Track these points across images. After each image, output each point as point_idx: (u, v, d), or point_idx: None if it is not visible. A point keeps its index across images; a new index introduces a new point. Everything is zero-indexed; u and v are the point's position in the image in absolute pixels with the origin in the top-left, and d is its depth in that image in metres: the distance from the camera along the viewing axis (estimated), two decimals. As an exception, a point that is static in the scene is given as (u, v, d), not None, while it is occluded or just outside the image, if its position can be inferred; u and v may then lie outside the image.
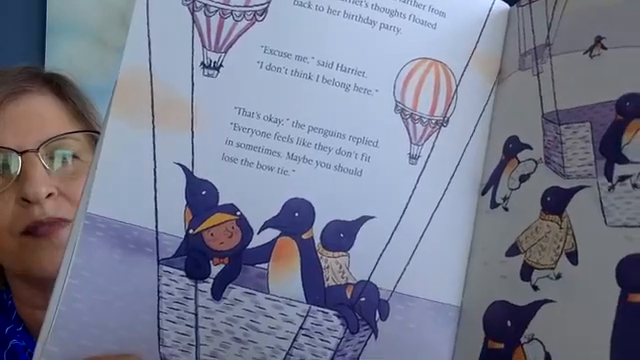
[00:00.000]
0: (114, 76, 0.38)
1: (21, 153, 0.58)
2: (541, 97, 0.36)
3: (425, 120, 0.36)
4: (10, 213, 0.58)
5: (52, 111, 0.63)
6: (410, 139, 0.36)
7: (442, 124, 0.36)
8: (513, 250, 0.34)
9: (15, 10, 1.62)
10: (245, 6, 0.36)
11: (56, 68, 0.70)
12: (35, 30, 1.62)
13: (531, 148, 0.36)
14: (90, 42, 1.64)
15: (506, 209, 0.36)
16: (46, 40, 1.62)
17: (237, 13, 0.36)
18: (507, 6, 0.40)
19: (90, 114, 0.65)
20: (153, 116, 0.35)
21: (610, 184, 0.32)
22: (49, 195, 0.58)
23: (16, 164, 0.58)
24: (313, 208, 0.35)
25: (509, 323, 0.33)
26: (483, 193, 0.37)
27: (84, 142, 0.63)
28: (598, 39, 0.34)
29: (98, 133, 0.62)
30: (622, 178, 0.31)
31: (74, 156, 0.62)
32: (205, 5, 0.35)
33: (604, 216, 0.31)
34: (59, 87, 0.65)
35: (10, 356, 0.61)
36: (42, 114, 0.62)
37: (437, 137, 0.36)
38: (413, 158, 0.36)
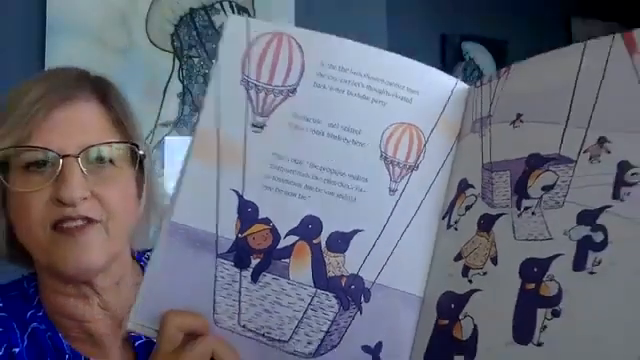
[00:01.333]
0: (114, 76, 0.53)
1: (63, 156, 0.60)
2: (482, 152, 0.51)
3: (401, 165, 0.52)
4: (44, 208, 0.60)
5: (95, 118, 0.65)
6: (390, 177, 0.52)
7: (414, 168, 0.52)
8: (458, 257, 0.49)
9: (15, 10, 1.61)
10: (282, 86, 0.53)
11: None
12: (35, 30, 1.60)
13: (474, 187, 0.51)
14: (90, 42, 1.62)
15: (456, 229, 0.51)
16: (46, 40, 1.59)
17: (277, 91, 0.53)
18: (466, 86, 0.56)
19: (129, 122, 0.67)
20: (218, 158, 0.52)
21: (519, 212, 0.47)
22: (83, 199, 0.60)
23: (57, 166, 0.60)
24: (321, 222, 0.51)
25: (452, 306, 0.48)
26: (443, 218, 0.52)
27: (122, 150, 0.65)
28: (518, 115, 0.50)
29: (135, 145, 0.66)
30: (526, 208, 0.47)
31: (110, 161, 0.63)
32: (255, 85, 0.52)
33: (514, 233, 0.47)
34: (104, 95, 0.66)
35: (31, 339, 0.64)
36: (85, 121, 0.64)
37: (410, 177, 0.52)
38: (392, 191, 0.52)
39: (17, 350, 0.62)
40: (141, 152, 0.66)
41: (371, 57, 0.53)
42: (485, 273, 0.47)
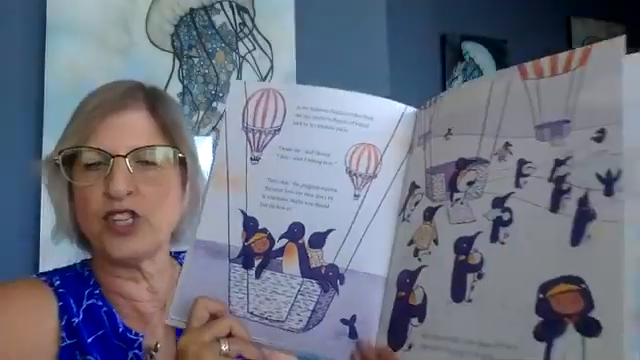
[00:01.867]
0: (114, 76, 0.62)
1: (113, 156, 0.70)
2: (425, 160, 0.65)
3: (363, 175, 0.66)
4: (98, 201, 0.70)
5: (144, 124, 0.73)
6: (354, 186, 0.66)
7: (373, 177, 0.66)
8: (410, 242, 0.63)
9: (15, 10, 1.60)
10: (271, 127, 0.68)
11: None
12: (35, 30, 1.59)
13: (420, 187, 0.65)
14: (90, 42, 1.61)
15: (408, 221, 0.65)
16: (46, 40, 1.59)
17: (267, 131, 0.68)
18: (414, 109, 0.70)
19: (174, 128, 0.75)
20: (228, 185, 0.67)
21: (451, 203, 0.61)
22: (129, 193, 0.69)
23: (108, 164, 0.69)
24: (304, 226, 0.65)
25: (407, 280, 0.62)
26: (399, 214, 0.66)
27: (165, 153, 0.74)
28: (449, 130, 0.64)
29: (176, 148, 0.74)
30: (457, 199, 0.60)
31: (155, 162, 0.72)
32: (252, 129, 0.68)
33: (449, 219, 0.60)
34: (153, 104, 0.75)
35: (86, 313, 0.73)
36: (135, 126, 0.73)
37: (370, 185, 0.66)
38: (356, 196, 0.66)
39: (76, 321, 0.72)
40: (180, 155, 0.75)
41: (334, 96, 0.68)
42: (430, 252, 0.61)
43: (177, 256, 0.84)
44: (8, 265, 1.46)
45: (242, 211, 0.67)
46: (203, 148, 1.69)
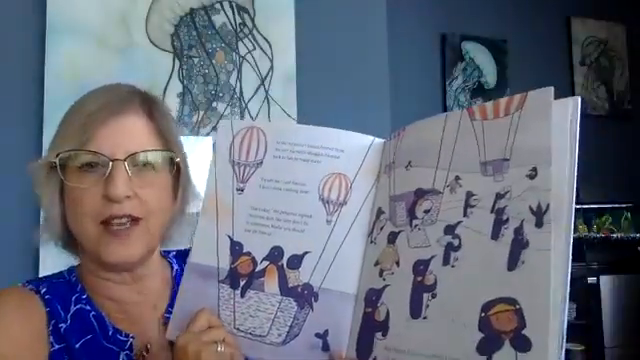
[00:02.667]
0: (114, 76, 0.68)
1: (112, 160, 0.71)
2: (389, 188, 0.73)
3: (334, 202, 0.74)
4: (95, 204, 0.71)
5: (141, 129, 0.75)
6: (326, 212, 0.73)
7: (343, 204, 0.74)
8: (376, 263, 0.71)
9: (15, 10, 1.61)
10: (254, 161, 0.76)
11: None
12: (35, 30, 1.61)
13: (385, 213, 0.72)
14: (90, 42, 1.62)
15: (375, 243, 0.72)
16: (46, 40, 1.60)
17: (251, 164, 0.76)
18: (382, 140, 0.77)
19: (169, 133, 0.78)
20: (217, 213, 0.75)
21: (411, 228, 0.68)
22: (127, 197, 0.71)
23: (107, 168, 0.71)
24: (283, 250, 0.73)
25: (374, 298, 0.69)
26: (368, 236, 0.74)
27: (161, 157, 0.76)
28: (409, 162, 0.71)
29: (173, 152, 0.77)
30: (415, 225, 0.68)
31: (151, 166, 0.74)
32: (238, 163, 0.75)
33: (408, 243, 0.68)
34: (150, 109, 0.77)
35: (74, 318, 0.73)
36: (133, 131, 0.74)
37: (341, 210, 0.74)
38: (329, 222, 0.73)
39: (64, 326, 0.72)
40: (177, 159, 0.77)
41: (309, 132, 0.76)
42: (392, 273, 0.69)
43: (166, 255, 0.87)
44: (8, 265, 1.51)
45: (229, 236, 0.75)
46: (203, 148, 1.75)
